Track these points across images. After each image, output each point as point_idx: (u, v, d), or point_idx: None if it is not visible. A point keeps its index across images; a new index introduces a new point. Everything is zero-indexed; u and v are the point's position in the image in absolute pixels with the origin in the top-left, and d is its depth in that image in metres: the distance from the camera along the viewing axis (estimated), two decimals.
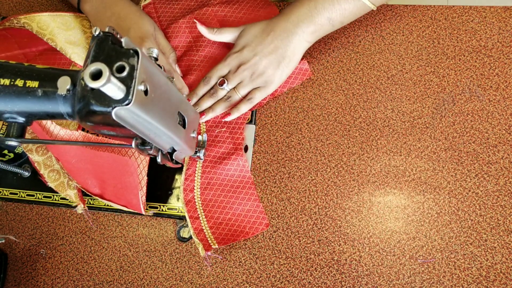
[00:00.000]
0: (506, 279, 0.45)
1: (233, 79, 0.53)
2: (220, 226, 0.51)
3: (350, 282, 0.48)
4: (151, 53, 0.39)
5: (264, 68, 0.52)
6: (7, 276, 0.55)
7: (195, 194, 0.52)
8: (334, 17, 0.51)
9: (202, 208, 0.52)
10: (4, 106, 0.34)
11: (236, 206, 0.51)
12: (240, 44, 0.54)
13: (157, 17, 0.62)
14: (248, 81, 0.53)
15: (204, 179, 0.53)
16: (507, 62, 0.52)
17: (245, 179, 0.52)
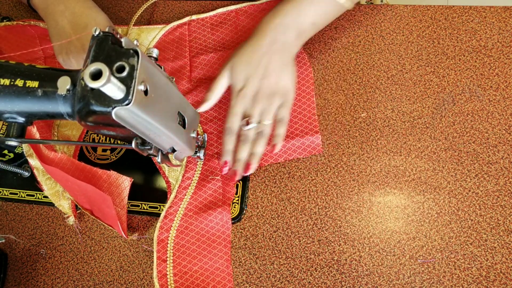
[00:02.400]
0: (506, 279, 0.45)
1: (255, 114, 0.51)
2: (184, 276, 0.49)
3: (350, 282, 0.48)
4: (151, 53, 0.39)
5: (276, 84, 0.51)
6: (7, 276, 0.55)
7: (170, 235, 0.51)
8: (317, 21, 0.52)
9: (173, 251, 0.50)
10: (4, 106, 0.34)
11: (206, 260, 0.49)
12: (240, 79, 0.52)
13: (189, 41, 0.60)
14: (269, 105, 0.51)
15: (184, 222, 0.51)
16: (507, 62, 0.52)
17: (224, 236, 0.50)
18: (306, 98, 0.54)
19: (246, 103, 0.51)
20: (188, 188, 0.53)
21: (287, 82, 0.51)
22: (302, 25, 0.51)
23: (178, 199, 0.52)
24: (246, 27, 0.59)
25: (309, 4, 0.51)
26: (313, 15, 0.51)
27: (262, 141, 0.51)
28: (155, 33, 0.60)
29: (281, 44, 0.51)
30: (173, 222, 0.51)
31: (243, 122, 0.51)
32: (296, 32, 0.51)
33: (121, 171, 0.56)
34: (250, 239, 0.51)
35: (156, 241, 0.51)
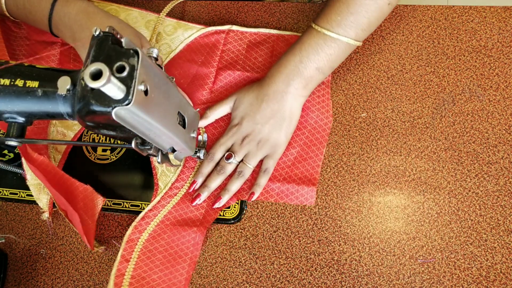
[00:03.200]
0: (506, 279, 0.45)
1: (240, 151, 0.51)
2: (141, 281, 0.48)
3: (350, 282, 0.48)
4: (151, 53, 0.39)
5: (269, 134, 0.51)
6: (7, 276, 0.55)
7: (142, 237, 0.51)
8: (321, 66, 0.50)
9: (139, 254, 0.50)
10: (4, 106, 0.34)
11: (167, 273, 0.49)
12: (238, 116, 0.53)
13: (221, 50, 0.58)
14: (256, 150, 0.51)
15: (158, 229, 0.51)
16: (507, 62, 0.52)
17: (191, 255, 0.50)
18: (317, 147, 0.52)
19: (235, 140, 0.52)
20: (173, 198, 0.53)
21: (280, 135, 0.51)
22: (305, 72, 0.50)
23: (161, 205, 0.52)
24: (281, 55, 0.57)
25: (310, 49, 0.49)
26: (316, 59, 0.49)
27: (238, 180, 0.51)
28: (192, 32, 0.59)
29: (283, 94, 0.50)
30: (148, 226, 0.51)
31: (227, 154, 0.52)
32: (301, 81, 0.50)
33: (121, 171, 0.56)
34: (250, 239, 0.51)
35: (126, 240, 0.51)
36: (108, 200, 0.55)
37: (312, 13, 0.60)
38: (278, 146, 0.52)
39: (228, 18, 0.62)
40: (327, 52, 0.49)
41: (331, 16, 0.48)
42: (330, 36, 0.48)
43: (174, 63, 0.58)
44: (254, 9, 0.61)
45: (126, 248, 0.50)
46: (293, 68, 0.50)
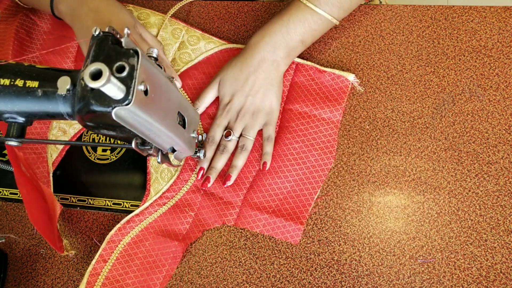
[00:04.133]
0: (506, 279, 0.45)
1: (237, 127, 0.53)
2: (114, 284, 0.49)
3: (350, 282, 0.48)
4: (151, 53, 0.39)
5: (261, 103, 0.52)
6: (7, 276, 0.55)
7: (124, 240, 0.51)
8: (305, 38, 0.52)
9: (118, 256, 0.50)
10: (4, 106, 0.34)
11: (141, 280, 0.49)
12: (227, 94, 0.54)
13: None
14: (252, 122, 0.53)
15: (142, 235, 0.51)
16: (507, 62, 0.52)
17: (168, 267, 0.50)
18: (312, 185, 0.51)
19: (230, 117, 0.53)
20: (162, 207, 0.52)
21: (272, 101, 0.53)
22: (291, 43, 0.52)
23: (148, 211, 0.52)
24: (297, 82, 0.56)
25: (297, 22, 0.51)
26: (302, 32, 0.51)
27: (242, 154, 0.52)
28: (214, 45, 0.59)
29: (269, 63, 0.52)
30: (132, 230, 0.51)
31: (225, 132, 0.53)
32: (286, 51, 0.52)
33: (121, 171, 0.56)
34: (250, 239, 0.51)
35: (107, 240, 0.51)
36: (108, 200, 0.55)
37: None
38: (272, 112, 0.53)
39: (228, 18, 0.62)
40: (312, 27, 0.51)
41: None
42: (317, 12, 0.51)
43: (190, 72, 0.58)
44: (254, 9, 0.61)
45: (106, 248, 0.50)
46: (279, 38, 0.51)
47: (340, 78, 0.54)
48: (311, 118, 0.53)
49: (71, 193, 0.56)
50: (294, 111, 0.54)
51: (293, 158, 0.52)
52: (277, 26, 0.52)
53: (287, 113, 0.54)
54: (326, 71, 0.54)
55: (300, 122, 0.53)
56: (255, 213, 0.51)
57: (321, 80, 0.54)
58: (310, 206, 0.50)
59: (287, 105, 0.55)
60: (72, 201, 0.56)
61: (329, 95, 0.54)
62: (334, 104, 0.53)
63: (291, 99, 0.55)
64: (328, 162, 0.52)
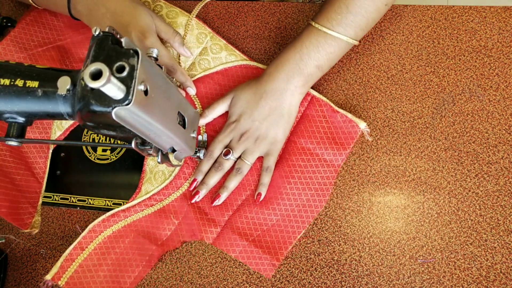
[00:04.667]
0: (506, 279, 0.45)
1: (237, 148, 0.52)
2: (86, 273, 0.49)
3: (350, 282, 0.48)
4: (151, 53, 0.39)
5: (266, 131, 0.51)
6: (7, 276, 0.55)
7: (105, 232, 0.51)
8: (321, 64, 0.50)
9: (95, 246, 0.50)
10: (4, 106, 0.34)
11: (113, 275, 0.49)
12: (236, 113, 0.53)
13: None
14: (254, 147, 0.51)
15: (123, 230, 0.51)
16: (507, 62, 0.52)
17: (141, 269, 0.50)
18: (298, 225, 0.50)
19: (233, 136, 0.52)
20: (149, 208, 0.52)
21: (278, 132, 0.52)
22: (306, 70, 0.50)
23: (135, 209, 0.52)
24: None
25: (311, 47, 0.49)
26: (317, 57, 0.49)
27: (236, 177, 0.52)
28: (235, 58, 0.58)
29: (283, 92, 0.51)
30: (115, 224, 0.51)
31: (224, 150, 0.52)
32: (301, 78, 0.50)
33: (121, 171, 0.56)
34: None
35: (89, 229, 0.51)
36: (108, 200, 0.55)
37: (312, 13, 0.60)
38: (276, 143, 0.52)
39: (228, 18, 0.62)
40: (327, 50, 0.49)
41: (331, 15, 0.49)
42: (330, 35, 0.49)
43: (205, 80, 0.58)
44: (254, 9, 0.61)
45: (86, 236, 0.50)
46: (293, 66, 0.50)
47: (352, 123, 0.52)
48: (313, 156, 0.52)
49: (71, 193, 0.56)
50: (298, 144, 0.52)
51: (285, 193, 0.51)
52: (291, 53, 0.50)
53: (290, 144, 0.53)
54: (339, 112, 0.52)
55: (300, 158, 0.52)
56: (235, 237, 0.50)
57: (332, 120, 0.53)
58: (291, 244, 0.50)
59: (292, 137, 0.53)
60: (72, 201, 0.56)
61: (336, 137, 0.52)
62: (339, 148, 0.51)
63: (297, 131, 0.53)
64: (319, 205, 0.50)
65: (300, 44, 0.50)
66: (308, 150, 0.52)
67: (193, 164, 0.54)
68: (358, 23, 0.49)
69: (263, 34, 0.60)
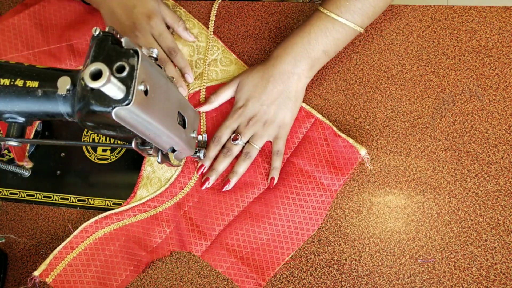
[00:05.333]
0: (506, 279, 0.45)
1: (246, 132, 0.52)
2: (74, 272, 0.49)
3: (350, 282, 0.48)
4: (151, 53, 0.39)
5: (275, 115, 0.51)
6: (7, 276, 0.55)
7: (97, 233, 0.51)
8: (328, 49, 0.51)
9: (86, 246, 0.50)
10: (4, 106, 0.34)
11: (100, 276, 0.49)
12: (242, 97, 0.53)
13: None
14: (262, 131, 0.52)
15: (115, 233, 0.51)
16: (507, 62, 0.52)
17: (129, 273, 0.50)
18: (288, 246, 0.49)
19: (240, 121, 0.53)
20: (142, 213, 0.52)
21: (286, 115, 0.52)
22: (313, 54, 0.50)
23: (127, 214, 0.52)
24: None
25: (319, 32, 0.50)
26: (324, 42, 0.50)
27: (245, 161, 0.52)
28: None
29: (290, 75, 0.51)
30: (107, 226, 0.51)
31: (233, 135, 0.52)
32: (308, 62, 0.51)
33: (121, 171, 0.56)
34: None
35: (81, 229, 0.51)
36: (108, 200, 0.55)
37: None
38: (284, 126, 0.52)
39: (228, 18, 0.62)
40: (335, 36, 0.50)
41: (340, 1, 0.49)
42: (338, 21, 0.49)
43: (211, 91, 0.57)
44: (254, 9, 0.61)
45: (77, 236, 0.51)
46: (301, 50, 0.50)
47: (352, 148, 0.51)
48: (310, 178, 0.51)
49: (71, 193, 0.56)
50: (296, 165, 0.52)
51: (278, 213, 0.50)
52: (298, 37, 0.51)
53: (288, 165, 0.52)
54: (341, 137, 0.52)
55: (297, 179, 0.51)
56: (223, 252, 0.50)
57: (333, 144, 0.52)
58: (279, 265, 0.49)
59: (292, 158, 0.52)
60: (72, 201, 0.56)
61: (336, 162, 0.51)
62: (337, 173, 0.51)
63: (297, 152, 0.53)
64: (311, 228, 0.50)
65: (308, 28, 0.50)
66: (306, 172, 0.51)
67: (189, 174, 0.54)
68: (366, 11, 0.50)
69: (263, 34, 0.60)
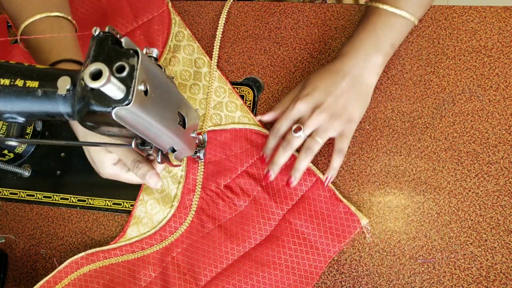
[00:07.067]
0: (506, 279, 0.45)
1: (310, 124, 0.47)
2: None
3: (350, 282, 0.48)
4: (151, 53, 0.39)
5: (343, 108, 0.47)
6: (7, 276, 0.55)
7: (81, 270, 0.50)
8: (395, 42, 0.50)
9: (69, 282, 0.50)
10: (4, 106, 0.34)
11: None
12: (308, 88, 0.49)
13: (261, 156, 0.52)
14: (328, 125, 0.47)
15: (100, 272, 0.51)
16: (507, 62, 0.52)
17: None
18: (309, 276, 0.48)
19: (303, 112, 0.48)
20: (129, 254, 0.52)
21: (355, 111, 0.48)
22: (383, 49, 0.49)
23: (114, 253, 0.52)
24: None
25: (384, 27, 0.49)
26: (392, 36, 0.49)
27: (307, 157, 0.47)
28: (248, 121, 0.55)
29: (362, 70, 0.49)
30: (93, 263, 0.51)
31: (295, 127, 0.47)
32: (379, 57, 0.49)
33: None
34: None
35: (66, 264, 0.50)
36: (108, 200, 0.55)
37: (312, 13, 0.60)
38: (351, 122, 0.48)
39: (228, 18, 0.62)
40: (399, 28, 0.49)
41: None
42: (400, 15, 0.48)
43: (211, 136, 0.55)
44: (254, 9, 0.61)
45: (62, 271, 0.50)
46: (370, 45, 0.49)
47: (353, 216, 0.49)
48: (305, 241, 0.49)
49: (71, 193, 0.56)
50: (293, 225, 0.50)
51: (267, 272, 0.49)
52: (365, 35, 0.49)
53: (284, 223, 0.50)
54: (342, 202, 0.50)
55: (292, 240, 0.49)
56: None
57: (333, 209, 0.50)
58: None
59: (289, 216, 0.51)
60: (72, 201, 0.56)
61: (334, 228, 0.49)
62: (334, 239, 0.49)
63: (295, 211, 0.51)
64: (320, 266, 0.48)
65: (372, 26, 0.49)
66: (301, 233, 0.50)
67: (181, 219, 0.52)
68: (422, 2, 0.49)
69: (263, 34, 0.60)
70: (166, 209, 0.53)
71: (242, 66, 0.59)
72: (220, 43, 0.60)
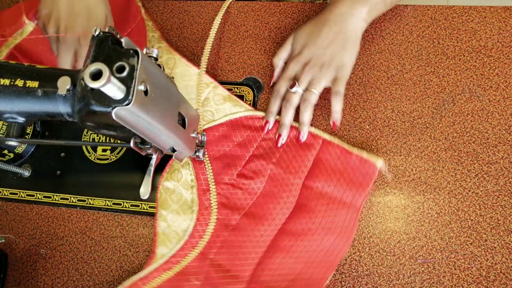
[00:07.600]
0: (506, 279, 0.45)
1: (303, 78, 0.50)
2: None
3: (350, 282, 0.48)
4: (151, 53, 0.39)
5: (331, 57, 0.49)
6: (7, 276, 0.55)
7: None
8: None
9: None
10: (4, 106, 0.34)
11: None
12: (297, 47, 0.52)
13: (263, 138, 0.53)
14: (320, 75, 0.49)
15: None
16: (507, 62, 0.52)
17: None
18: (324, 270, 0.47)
19: (297, 69, 0.51)
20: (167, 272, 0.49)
21: (344, 56, 0.50)
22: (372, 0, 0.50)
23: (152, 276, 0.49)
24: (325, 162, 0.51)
25: None
26: None
27: (306, 109, 0.50)
28: (240, 109, 0.55)
29: (347, 16, 0.50)
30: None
31: (290, 84, 0.50)
32: (366, 5, 0.49)
33: (121, 171, 0.56)
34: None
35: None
36: (108, 200, 0.55)
37: (312, 13, 0.60)
38: (343, 67, 0.50)
39: (228, 18, 0.62)
40: None
41: None
42: None
43: (209, 133, 0.55)
44: (254, 9, 0.61)
45: None
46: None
47: (368, 163, 0.49)
48: (331, 199, 0.49)
49: (71, 193, 0.56)
50: (315, 189, 0.50)
51: (307, 239, 0.48)
52: None
53: (306, 190, 0.50)
54: (353, 153, 0.50)
55: (319, 202, 0.49)
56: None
57: (347, 161, 0.50)
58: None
59: (308, 182, 0.51)
60: (72, 201, 0.56)
61: (354, 178, 0.49)
62: (358, 189, 0.49)
63: (313, 176, 0.51)
64: (343, 249, 0.48)
65: None
66: (325, 194, 0.50)
67: (205, 221, 0.51)
68: None
69: (263, 34, 0.60)
70: (188, 216, 0.52)
71: (242, 66, 0.59)
72: (220, 43, 0.60)
